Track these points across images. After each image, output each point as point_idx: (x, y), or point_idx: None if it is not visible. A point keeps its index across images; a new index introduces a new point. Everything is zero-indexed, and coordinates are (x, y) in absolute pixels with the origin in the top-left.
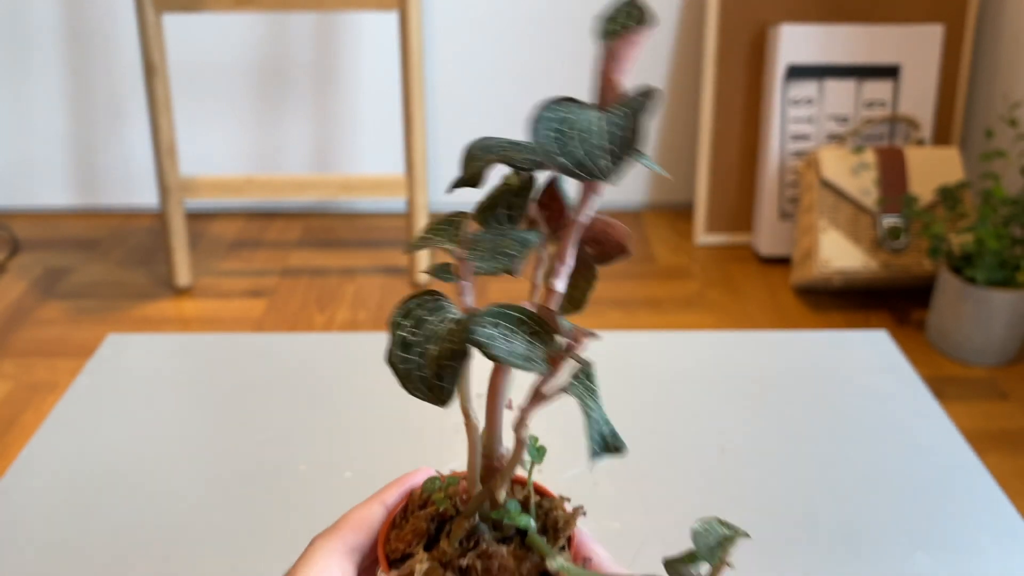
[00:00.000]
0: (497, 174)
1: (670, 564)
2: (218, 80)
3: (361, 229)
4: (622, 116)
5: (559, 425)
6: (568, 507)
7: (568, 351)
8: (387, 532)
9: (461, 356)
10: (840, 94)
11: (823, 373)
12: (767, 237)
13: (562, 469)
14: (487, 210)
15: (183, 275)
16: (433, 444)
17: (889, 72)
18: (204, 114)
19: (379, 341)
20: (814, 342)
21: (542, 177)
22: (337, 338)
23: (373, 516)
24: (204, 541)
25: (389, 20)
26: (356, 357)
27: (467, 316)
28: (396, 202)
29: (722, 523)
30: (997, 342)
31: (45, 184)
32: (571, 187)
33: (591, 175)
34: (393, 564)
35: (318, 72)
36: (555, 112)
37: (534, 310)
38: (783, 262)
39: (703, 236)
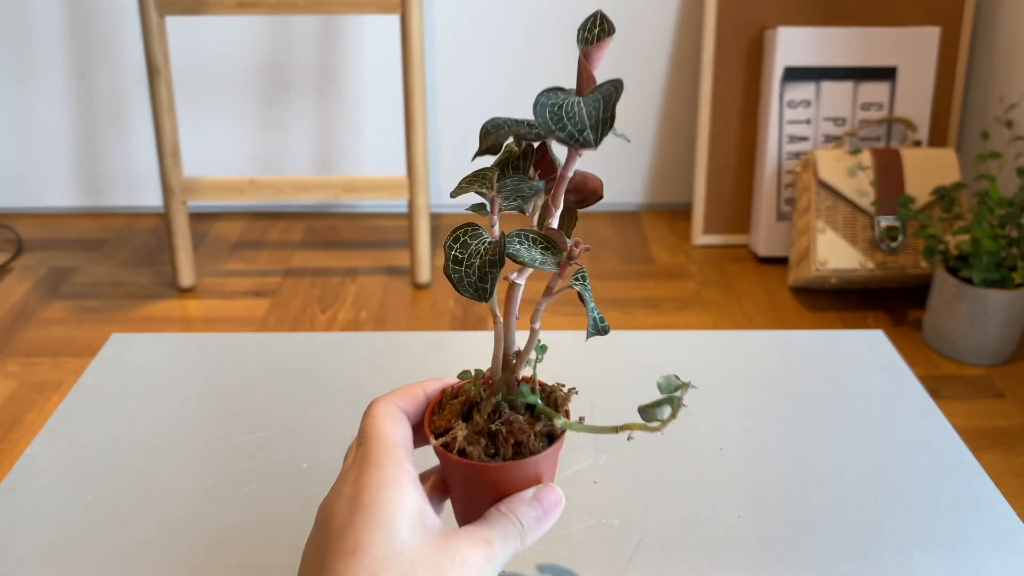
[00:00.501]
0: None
1: (643, 409)
2: (221, 82)
3: (363, 230)
4: (598, 100)
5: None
6: (564, 390)
7: (570, 258)
8: (429, 416)
9: (497, 265)
10: (837, 96)
11: (820, 372)
12: (764, 238)
13: (561, 468)
14: (501, 169)
15: (186, 275)
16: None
17: (886, 74)
18: (207, 116)
19: (381, 341)
20: (811, 342)
21: (536, 144)
22: (339, 337)
23: (417, 393)
24: (207, 539)
25: (391, 23)
26: (358, 356)
27: (499, 238)
28: (398, 203)
29: (678, 378)
30: (993, 342)
31: (49, 185)
32: (558, 151)
33: (580, 144)
34: (437, 437)
35: (320, 74)
36: (550, 98)
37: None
38: (780, 262)
39: (701, 237)
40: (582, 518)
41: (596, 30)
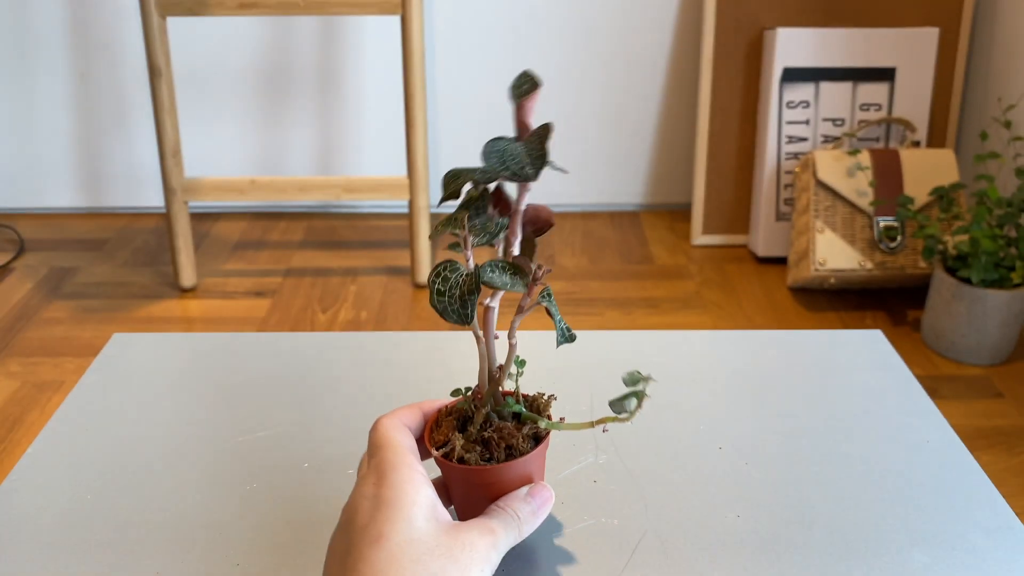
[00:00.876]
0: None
1: (612, 403)
2: (222, 82)
3: (363, 230)
4: (533, 143)
5: (555, 432)
6: (544, 397)
7: (535, 279)
8: (429, 433)
9: (475, 292)
10: (836, 97)
11: (819, 372)
12: (764, 238)
13: (560, 468)
14: (465, 209)
15: (188, 275)
16: None
17: (885, 75)
18: (208, 116)
19: (381, 340)
20: (810, 342)
21: (491, 186)
22: (340, 337)
23: (416, 410)
24: (208, 538)
25: (391, 23)
26: (359, 356)
27: (474, 269)
28: (398, 203)
29: (640, 372)
30: (991, 342)
31: (51, 185)
32: (511, 188)
33: (522, 178)
34: (437, 449)
35: (321, 75)
36: (494, 146)
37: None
38: (779, 262)
39: (700, 237)
40: (582, 517)
41: (525, 86)
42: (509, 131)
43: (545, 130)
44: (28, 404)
